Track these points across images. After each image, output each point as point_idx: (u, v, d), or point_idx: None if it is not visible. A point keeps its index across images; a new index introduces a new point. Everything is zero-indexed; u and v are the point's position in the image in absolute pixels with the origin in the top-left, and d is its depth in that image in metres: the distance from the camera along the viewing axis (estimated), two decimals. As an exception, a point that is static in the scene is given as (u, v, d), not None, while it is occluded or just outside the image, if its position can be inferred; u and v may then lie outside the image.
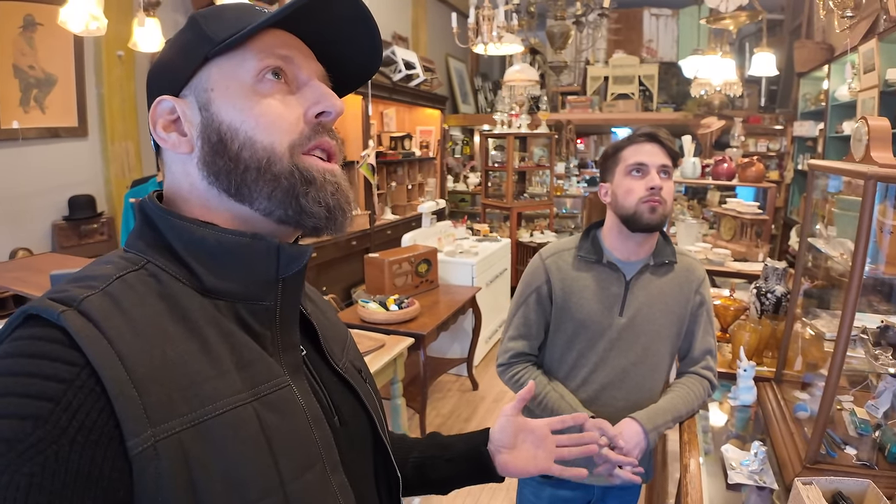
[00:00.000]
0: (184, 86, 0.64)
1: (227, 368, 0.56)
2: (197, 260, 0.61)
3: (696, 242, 3.94)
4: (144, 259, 0.60)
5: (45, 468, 0.45)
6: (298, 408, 0.61)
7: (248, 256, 0.61)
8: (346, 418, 0.70)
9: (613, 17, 8.20)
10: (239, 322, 0.61)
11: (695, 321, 1.61)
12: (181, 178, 0.65)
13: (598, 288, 1.56)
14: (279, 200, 0.61)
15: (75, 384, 0.47)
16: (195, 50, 0.63)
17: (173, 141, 0.64)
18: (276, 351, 0.63)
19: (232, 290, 0.61)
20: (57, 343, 0.49)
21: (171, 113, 0.64)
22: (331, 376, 0.72)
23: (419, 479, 0.93)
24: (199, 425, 0.51)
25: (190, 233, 0.61)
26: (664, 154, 1.50)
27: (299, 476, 0.57)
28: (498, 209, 6.42)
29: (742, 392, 1.73)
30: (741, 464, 1.42)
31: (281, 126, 0.62)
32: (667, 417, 1.50)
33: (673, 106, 8.08)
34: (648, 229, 1.50)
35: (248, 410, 0.55)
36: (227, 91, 0.62)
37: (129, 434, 0.47)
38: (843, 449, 1.42)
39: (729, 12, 3.51)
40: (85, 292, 0.53)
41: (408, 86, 6.38)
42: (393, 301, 3.43)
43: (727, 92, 4.67)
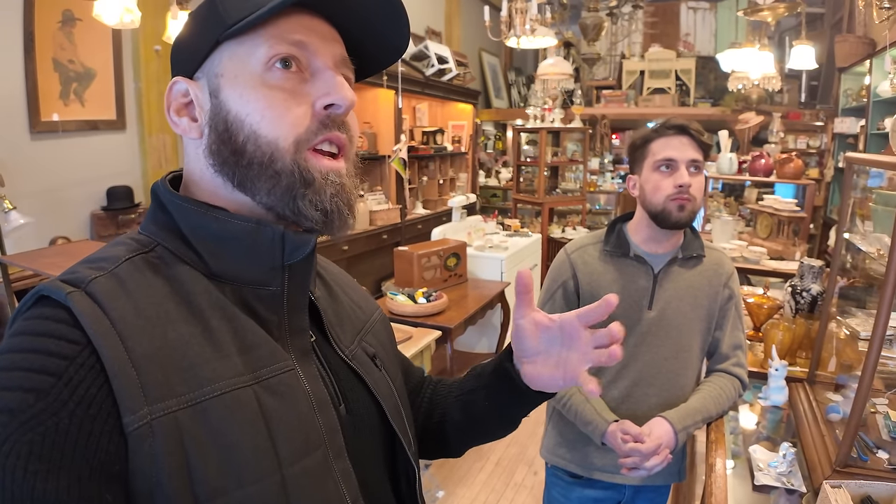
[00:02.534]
0: (197, 68, 0.63)
1: (229, 351, 0.56)
2: (203, 244, 0.61)
3: (731, 240, 3.85)
4: (155, 241, 0.61)
5: (45, 438, 0.46)
6: (301, 392, 0.61)
7: (254, 243, 0.61)
8: (352, 405, 0.69)
9: (650, 10, 8.08)
10: (244, 306, 0.61)
11: (724, 315, 1.58)
12: (194, 161, 0.65)
13: (625, 282, 1.54)
14: (278, 198, 0.61)
15: (77, 361, 0.49)
16: (208, 31, 0.62)
17: (184, 126, 0.64)
18: (283, 335, 0.63)
19: (237, 274, 0.62)
20: (62, 322, 0.51)
21: (184, 96, 0.64)
22: (340, 363, 0.71)
23: (466, 417, 0.86)
24: (196, 405, 0.52)
25: (197, 217, 0.61)
26: (694, 147, 1.46)
27: (298, 460, 0.57)
28: (529, 204, 6.38)
29: (773, 392, 1.69)
30: (769, 465, 1.38)
31: (287, 120, 0.61)
32: (697, 418, 1.47)
33: (710, 101, 7.94)
34: (677, 227, 1.47)
35: (248, 393, 0.56)
36: (236, 79, 0.61)
37: (126, 411, 0.49)
38: (876, 453, 1.38)
39: (767, 4, 3.42)
40: (94, 273, 0.54)
41: (440, 80, 6.38)
42: (421, 294, 3.44)
43: (765, 86, 4.55)
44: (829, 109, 6.70)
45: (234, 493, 0.53)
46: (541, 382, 0.75)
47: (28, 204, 3.10)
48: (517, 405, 0.81)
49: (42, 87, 3.37)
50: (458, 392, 0.88)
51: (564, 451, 1.64)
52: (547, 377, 0.74)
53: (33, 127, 3.32)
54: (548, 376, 0.74)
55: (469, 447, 0.93)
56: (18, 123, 3.26)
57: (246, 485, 0.53)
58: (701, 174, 1.48)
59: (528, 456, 3.30)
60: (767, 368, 1.75)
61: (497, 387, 0.80)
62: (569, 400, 1.54)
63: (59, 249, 3.21)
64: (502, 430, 0.87)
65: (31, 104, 3.31)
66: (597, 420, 1.47)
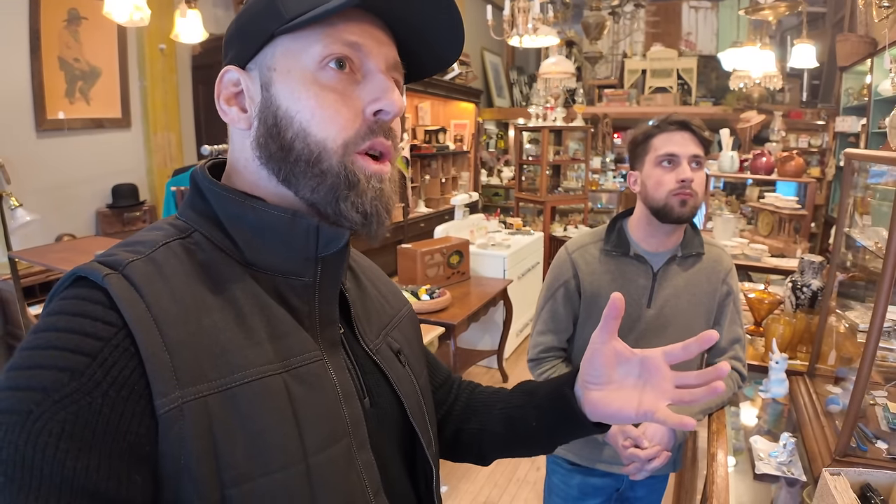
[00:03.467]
0: (251, 59, 0.63)
1: (260, 339, 0.57)
2: (240, 233, 0.62)
3: (732, 237, 3.87)
4: (192, 228, 0.62)
5: (77, 417, 0.47)
6: (329, 382, 0.62)
7: (288, 234, 0.62)
8: (376, 400, 0.70)
9: (652, 9, 8.10)
10: (277, 295, 0.62)
11: (722, 311, 1.59)
12: (239, 151, 0.66)
13: (625, 280, 1.56)
14: (321, 196, 0.61)
15: (112, 343, 0.50)
16: (264, 23, 0.62)
17: (233, 116, 0.64)
18: (314, 325, 0.64)
19: (272, 264, 0.62)
20: (99, 304, 0.51)
21: (235, 85, 0.64)
22: (366, 356, 0.71)
23: (510, 432, 0.85)
24: (226, 391, 0.53)
25: (234, 206, 0.62)
26: (696, 143, 1.47)
27: (324, 449, 0.58)
28: (532, 203, 6.41)
29: (773, 385, 1.71)
30: (770, 455, 1.40)
31: (337, 122, 0.61)
32: (693, 410, 1.49)
33: (712, 100, 7.96)
34: (679, 221, 1.49)
35: (278, 381, 0.56)
36: (289, 75, 0.61)
37: (158, 394, 0.50)
38: (875, 443, 1.40)
39: (768, 3, 3.44)
40: (130, 257, 0.55)
41: (442, 79, 6.40)
42: (424, 291, 3.47)
43: (767, 85, 4.57)
44: (831, 108, 6.71)
45: (260, 479, 0.53)
46: (605, 412, 0.73)
47: (34, 201, 3.13)
48: (569, 433, 0.80)
49: (48, 86, 3.40)
50: (504, 406, 0.87)
51: None
52: (616, 408, 0.71)
53: (39, 125, 3.35)
54: (617, 407, 0.71)
55: (499, 458, 0.91)
56: (24, 121, 3.29)
57: (272, 472, 0.54)
58: (702, 170, 1.50)
59: (530, 452, 3.32)
60: (768, 362, 1.77)
61: (552, 410, 0.79)
62: None
63: (67, 245, 3.24)
64: (541, 451, 0.88)
65: (37, 102, 3.34)
66: None
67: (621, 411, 0.71)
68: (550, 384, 0.82)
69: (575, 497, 1.68)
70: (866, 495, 1.17)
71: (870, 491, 1.18)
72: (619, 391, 0.72)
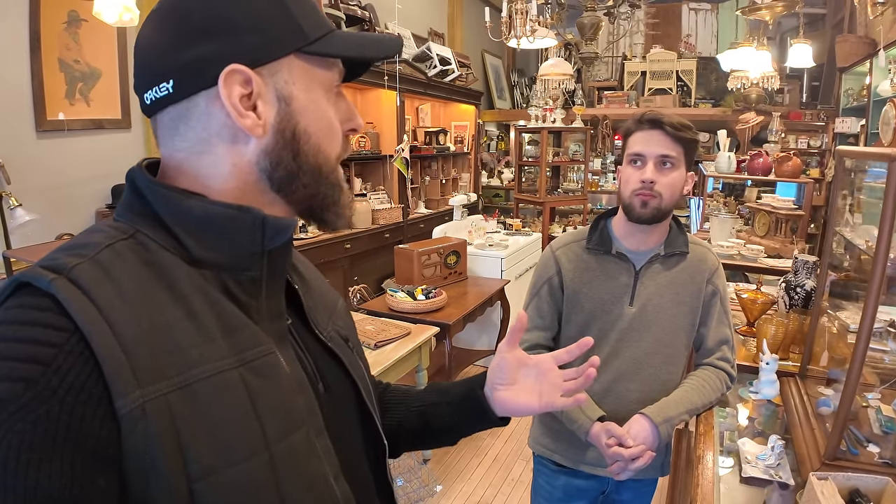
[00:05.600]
0: (262, 65, 0.61)
1: (214, 335, 0.57)
2: (184, 230, 0.61)
3: (729, 238, 3.86)
4: (133, 228, 0.60)
5: (36, 426, 0.47)
6: (283, 374, 0.62)
7: (234, 228, 0.62)
8: (330, 385, 0.72)
9: (651, 11, 8.09)
10: (225, 291, 0.62)
11: (708, 311, 1.58)
12: (221, 154, 0.63)
13: (607, 278, 1.55)
14: (314, 203, 0.67)
15: (65, 348, 0.49)
16: (285, 37, 0.62)
17: (250, 122, 0.61)
18: (262, 319, 0.64)
19: (218, 260, 0.62)
20: (47, 310, 0.50)
21: (244, 85, 0.61)
22: (315, 345, 0.73)
23: (424, 427, 0.94)
24: (185, 388, 0.53)
25: (177, 203, 0.61)
26: (669, 142, 1.44)
27: (284, 437, 0.59)
28: (531, 204, 6.40)
29: (764, 386, 1.70)
30: (758, 458, 1.40)
31: (337, 140, 0.68)
32: (679, 409, 1.48)
33: (711, 101, 7.94)
34: (639, 221, 1.48)
35: (234, 375, 0.57)
36: (310, 93, 0.64)
37: (118, 395, 0.49)
38: (866, 447, 1.39)
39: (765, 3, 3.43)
40: (75, 260, 0.54)
41: (443, 81, 6.39)
42: (421, 291, 3.46)
43: (765, 85, 4.56)
44: (830, 109, 6.70)
45: (226, 471, 0.54)
46: (513, 407, 0.88)
47: (34, 201, 3.13)
48: (479, 426, 0.93)
49: (48, 87, 3.40)
50: (420, 403, 0.95)
51: (549, 441, 1.67)
52: (522, 403, 0.87)
53: (39, 126, 3.35)
54: (523, 402, 0.87)
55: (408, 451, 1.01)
56: (25, 122, 3.29)
57: (237, 463, 0.55)
58: (676, 170, 1.46)
59: (525, 452, 3.31)
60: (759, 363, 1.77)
61: (465, 408, 0.91)
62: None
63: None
64: (451, 443, 0.97)
65: (37, 103, 3.34)
66: (581, 419, 1.49)
67: (527, 404, 0.87)
68: (462, 385, 0.93)
69: (559, 499, 1.67)
70: (855, 501, 1.17)
71: (858, 496, 1.17)
72: (522, 390, 0.88)
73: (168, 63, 0.61)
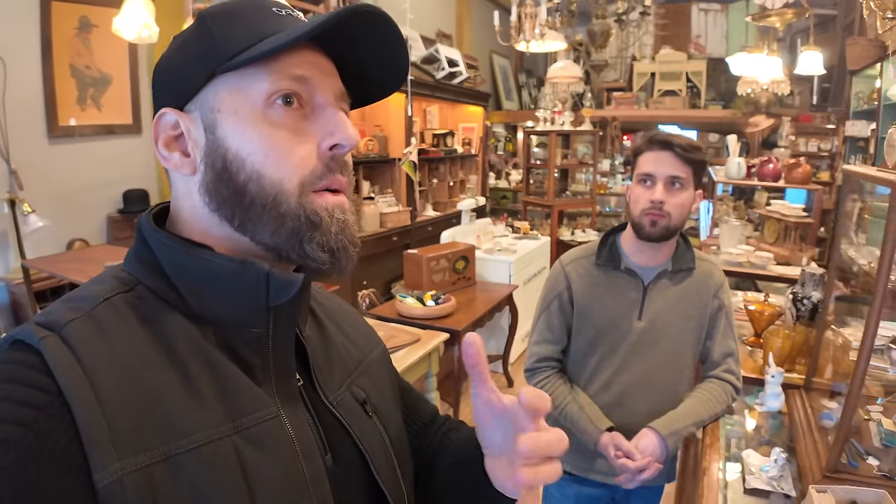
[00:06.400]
0: (189, 100, 0.60)
1: (208, 399, 0.54)
2: (185, 283, 0.59)
3: (738, 245, 3.87)
4: (136, 280, 0.59)
5: (17, 492, 0.45)
6: (286, 440, 0.58)
7: (237, 283, 0.58)
8: (340, 456, 0.65)
9: (661, 12, 8.09)
10: (227, 349, 0.58)
11: (714, 325, 1.62)
12: (184, 197, 0.62)
13: (616, 293, 1.59)
14: (283, 240, 0.59)
15: (47, 412, 0.47)
16: (202, 62, 0.59)
17: (175, 161, 0.61)
18: (268, 379, 0.60)
19: (220, 315, 0.59)
20: (34, 369, 0.49)
21: (174, 128, 0.61)
22: (326, 410, 0.66)
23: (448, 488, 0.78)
24: (170, 459, 0.50)
25: (178, 255, 0.59)
26: (678, 163, 1.48)
27: None
28: (539, 207, 6.42)
29: (769, 398, 1.73)
30: (761, 469, 1.42)
31: (292, 161, 0.58)
32: (686, 422, 1.52)
33: (721, 103, 7.93)
34: (649, 240, 1.52)
35: (227, 445, 0.53)
36: (236, 115, 0.58)
37: (96, 466, 0.46)
38: (866, 460, 1.41)
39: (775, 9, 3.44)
40: (70, 315, 0.52)
41: (450, 83, 6.42)
42: (430, 297, 3.49)
43: (774, 91, 4.56)
44: (841, 112, 6.68)
45: None
46: (497, 482, 0.65)
47: (46, 207, 3.19)
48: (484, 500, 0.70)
49: (59, 93, 3.45)
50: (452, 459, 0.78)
51: None
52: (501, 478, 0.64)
53: (51, 131, 3.41)
54: (502, 477, 0.64)
55: None
56: (36, 128, 3.34)
57: None
58: (686, 190, 1.50)
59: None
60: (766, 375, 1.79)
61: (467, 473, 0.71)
62: (565, 407, 1.59)
63: (79, 254, 3.30)
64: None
65: (48, 109, 3.40)
66: (590, 429, 1.53)
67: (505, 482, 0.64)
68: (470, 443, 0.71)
69: (571, 507, 1.71)
70: (854, 514, 1.19)
71: (857, 509, 1.19)
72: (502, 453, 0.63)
73: None
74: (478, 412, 0.62)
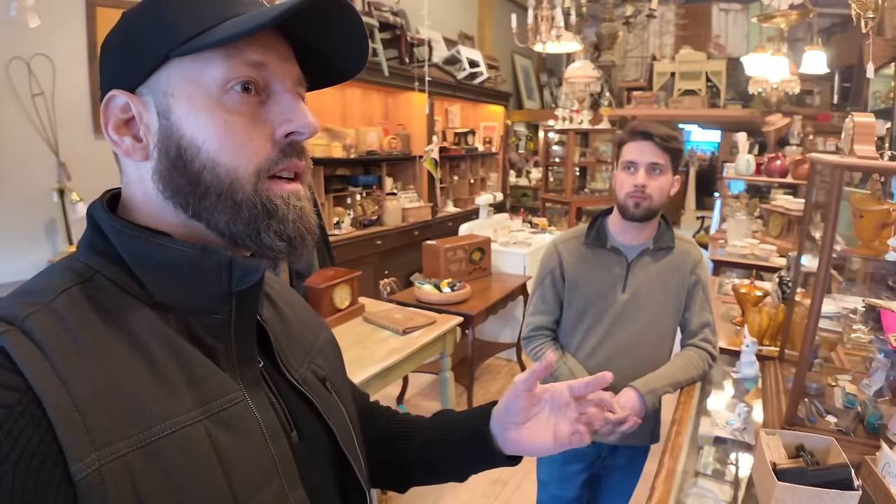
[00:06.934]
0: (141, 83, 0.58)
1: (177, 386, 0.54)
2: (145, 272, 0.58)
3: (744, 238, 4.01)
4: (93, 270, 0.57)
5: None
6: (253, 424, 0.59)
7: (199, 270, 0.58)
8: (305, 432, 0.68)
9: (681, 12, 8.19)
10: (190, 336, 0.58)
11: (691, 298, 1.80)
12: (136, 184, 0.61)
13: (602, 269, 1.78)
14: (240, 229, 0.59)
15: (16, 409, 0.46)
16: (155, 44, 0.57)
17: (127, 146, 0.59)
18: (231, 365, 0.61)
19: (182, 303, 0.59)
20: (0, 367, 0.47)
21: (123, 111, 0.59)
22: (289, 389, 0.69)
23: (428, 465, 0.88)
24: (146, 447, 0.50)
25: (137, 243, 0.58)
26: (658, 151, 1.66)
27: (255, 495, 0.56)
28: (558, 204, 6.58)
29: (745, 366, 1.89)
30: (727, 423, 1.60)
31: (248, 149, 0.58)
32: (663, 382, 1.70)
33: (741, 103, 8.00)
34: (633, 220, 1.71)
35: (199, 429, 0.54)
36: (190, 101, 0.57)
37: (73, 459, 0.46)
38: (825, 417, 1.58)
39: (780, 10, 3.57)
40: (28, 309, 0.51)
41: (471, 83, 6.62)
42: (446, 284, 3.70)
43: (784, 90, 4.68)
44: (859, 111, 6.72)
45: None
46: (525, 448, 0.82)
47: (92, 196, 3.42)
48: (484, 466, 0.86)
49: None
50: (424, 438, 0.89)
51: None
52: (538, 442, 0.81)
53: (96, 127, 3.65)
54: (539, 442, 0.81)
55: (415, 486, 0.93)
56: (83, 124, 3.59)
57: None
58: (664, 175, 1.69)
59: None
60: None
61: (470, 448, 0.84)
62: (556, 370, 1.78)
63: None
64: (454, 480, 0.90)
65: (94, 107, 3.64)
66: None
67: (542, 444, 0.81)
68: (469, 420, 0.87)
69: (560, 462, 1.90)
70: (799, 454, 1.36)
71: (803, 451, 1.36)
72: (535, 429, 0.82)
73: None
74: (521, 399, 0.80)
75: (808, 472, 1.21)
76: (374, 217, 5.26)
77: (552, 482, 1.92)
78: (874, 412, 1.55)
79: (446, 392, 3.28)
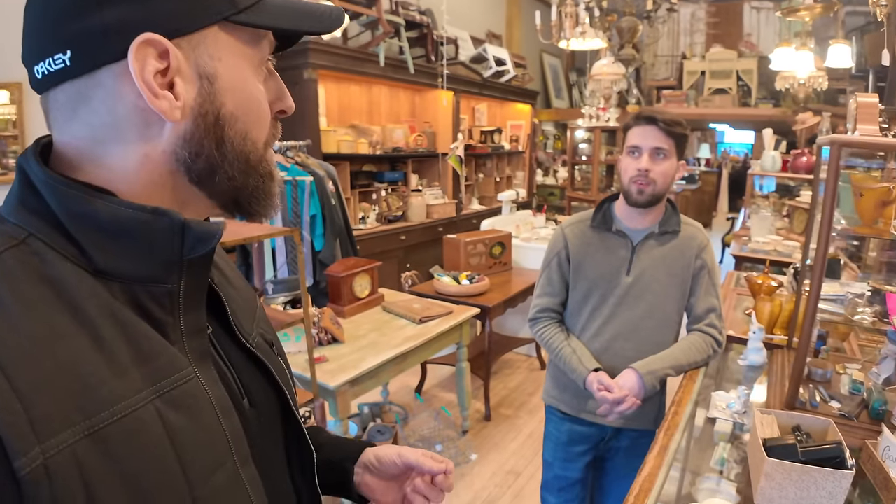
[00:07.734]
0: (183, 35, 0.53)
1: (125, 365, 0.49)
2: (87, 235, 0.51)
3: (768, 234, 3.98)
4: (26, 232, 0.50)
5: None
6: (205, 402, 0.56)
7: (148, 234, 0.53)
8: (256, 399, 0.66)
9: (712, 10, 8.11)
10: (137, 308, 0.53)
11: (697, 282, 1.80)
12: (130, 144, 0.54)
13: (607, 252, 1.80)
14: (241, 196, 0.60)
15: None
16: (210, 3, 0.54)
17: (167, 104, 0.52)
18: (179, 338, 0.56)
19: (128, 270, 0.53)
20: None
21: (161, 59, 0.52)
22: (239, 354, 0.67)
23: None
24: (94, 434, 0.45)
25: (79, 203, 0.51)
26: (662, 136, 1.68)
27: (208, 478, 0.54)
28: (584, 202, 6.57)
29: (751, 353, 1.90)
30: (728, 406, 1.61)
31: (266, 121, 0.60)
32: (664, 364, 1.71)
33: (772, 101, 7.89)
34: (637, 205, 1.72)
35: (150, 411, 0.50)
36: (237, 70, 0.56)
37: (15, 454, 0.41)
38: (828, 402, 1.58)
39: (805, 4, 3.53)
40: None
41: (498, 81, 6.65)
42: (465, 276, 3.74)
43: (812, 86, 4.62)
44: (892, 110, 6.58)
45: None
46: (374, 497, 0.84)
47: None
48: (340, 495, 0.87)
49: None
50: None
51: (556, 392, 1.93)
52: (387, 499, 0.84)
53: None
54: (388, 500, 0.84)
55: None
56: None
57: None
58: (668, 160, 1.70)
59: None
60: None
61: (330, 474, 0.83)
62: (560, 351, 1.81)
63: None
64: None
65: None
66: (580, 369, 1.75)
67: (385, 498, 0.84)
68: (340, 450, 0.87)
69: (564, 442, 1.93)
70: (795, 433, 1.37)
71: (798, 431, 1.37)
72: (389, 488, 0.85)
73: (65, 29, 0.50)
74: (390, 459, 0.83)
75: (798, 448, 1.21)
76: (398, 213, 5.33)
77: (556, 462, 1.95)
78: (879, 398, 1.54)
79: (462, 382, 3.33)
